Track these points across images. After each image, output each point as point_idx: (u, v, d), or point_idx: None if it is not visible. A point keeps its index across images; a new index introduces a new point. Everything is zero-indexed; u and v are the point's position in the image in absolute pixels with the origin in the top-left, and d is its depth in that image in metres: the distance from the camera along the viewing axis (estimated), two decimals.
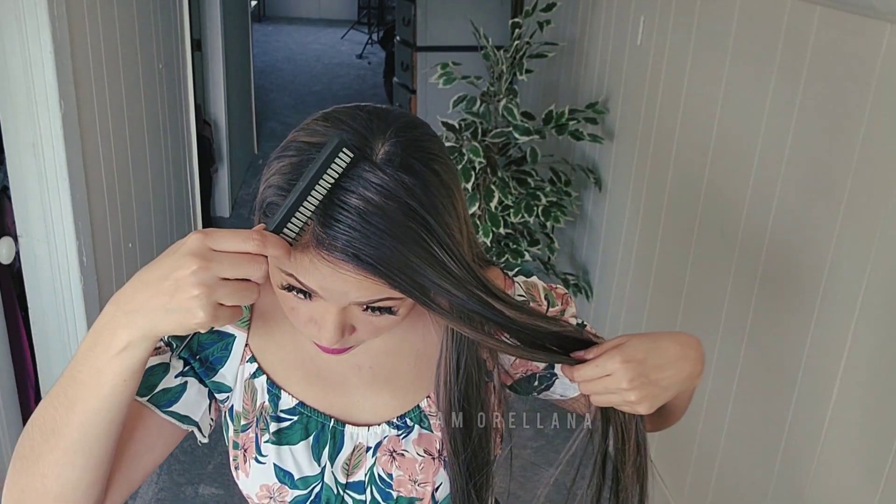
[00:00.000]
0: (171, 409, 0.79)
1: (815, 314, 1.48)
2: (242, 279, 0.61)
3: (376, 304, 0.68)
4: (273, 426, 0.82)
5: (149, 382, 0.78)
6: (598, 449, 0.81)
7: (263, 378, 0.82)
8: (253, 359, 0.83)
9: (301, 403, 0.82)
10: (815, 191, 1.49)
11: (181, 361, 0.81)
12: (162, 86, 2.69)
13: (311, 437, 0.83)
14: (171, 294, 0.59)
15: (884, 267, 1.29)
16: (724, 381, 1.82)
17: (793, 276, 1.57)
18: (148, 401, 0.78)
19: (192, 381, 0.81)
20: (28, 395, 2.04)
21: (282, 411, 0.82)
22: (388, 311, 0.69)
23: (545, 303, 0.88)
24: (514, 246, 2.68)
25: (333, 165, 0.62)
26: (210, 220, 3.91)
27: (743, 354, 1.75)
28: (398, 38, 4.49)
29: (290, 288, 0.68)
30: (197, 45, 3.80)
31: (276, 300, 0.84)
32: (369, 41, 9.17)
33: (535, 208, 2.58)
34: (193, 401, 0.81)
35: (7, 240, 1.83)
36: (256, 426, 0.83)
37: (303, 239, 0.64)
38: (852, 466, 1.38)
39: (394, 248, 0.62)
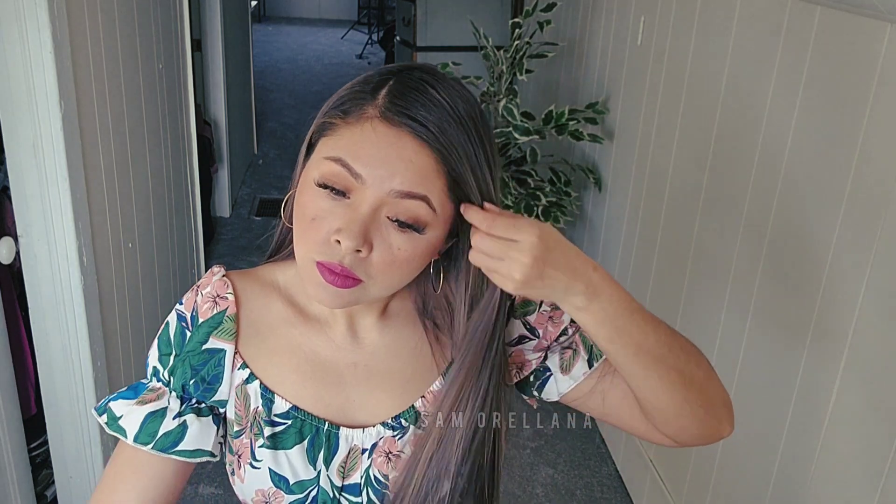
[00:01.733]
0: (176, 449, 0.80)
1: (815, 315, 1.48)
2: None
3: (411, 209, 0.70)
4: (267, 430, 0.82)
5: (150, 430, 0.79)
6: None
7: (256, 383, 0.82)
8: (245, 365, 0.82)
9: (295, 407, 0.82)
10: (816, 191, 1.49)
11: (178, 400, 0.81)
12: (162, 86, 2.69)
13: (305, 441, 0.82)
14: None
15: (884, 267, 1.29)
16: (724, 381, 1.82)
17: (793, 277, 1.57)
18: (153, 448, 0.79)
19: (191, 418, 0.81)
20: (28, 394, 2.04)
21: (275, 415, 0.82)
22: (415, 229, 0.71)
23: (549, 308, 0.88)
24: None
25: None
26: (210, 220, 3.91)
27: (742, 354, 1.75)
28: (398, 38, 4.50)
29: (325, 186, 0.71)
30: (197, 45, 3.80)
31: (270, 302, 0.84)
32: (369, 41, 9.17)
33: (535, 208, 2.58)
34: (199, 434, 0.82)
35: (7, 240, 1.83)
36: (250, 431, 0.83)
37: (366, 112, 0.70)
38: (852, 466, 1.38)
39: (453, 134, 0.69)
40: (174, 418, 0.80)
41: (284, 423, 0.82)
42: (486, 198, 0.73)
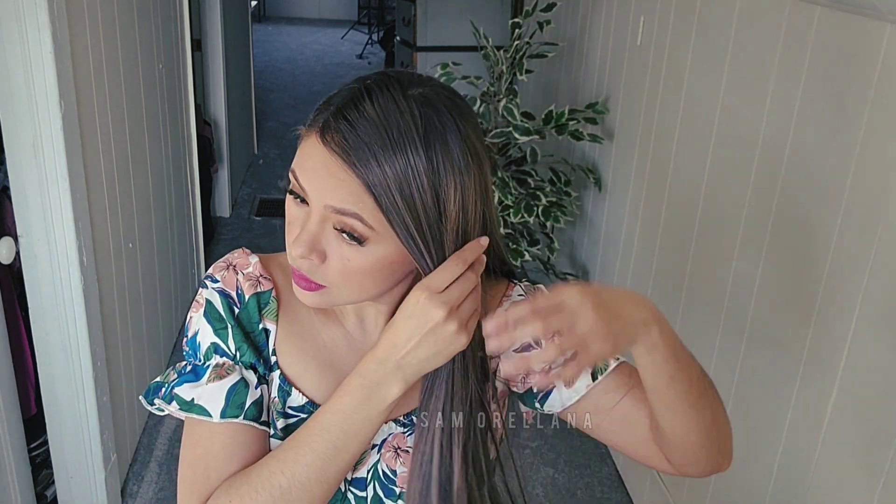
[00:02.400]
0: (263, 419, 0.81)
1: (815, 313, 1.48)
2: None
3: (346, 223, 0.71)
4: (280, 422, 0.82)
5: (237, 402, 0.79)
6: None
7: (277, 373, 0.83)
8: (273, 352, 0.83)
9: (311, 402, 0.83)
10: (815, 190, 1.49)
11: (250, 371, 0.81)
12: (162, 86, 2.69)
13: None
14: (432, 339, 0.73)
15: (884, 267, 1.29)
16: (724, 380, 1.82)
17: (794, 274, 1.57)
18: (243, 419, 0.79)
19: (264, 389, 0.82)
20: (28, 394, 2.04)
21: (290, 408, 0.83)
22: (357, 240, 0.72)
23: None
24: (514, 246, 2.68)
25: None
26: (210, 220, 3.91)
27: (742, 353, 1.75)
28: (398, 38, 4.50)
29: (292, 192, 0.74)
30: (197, 45, 3.80)
31: (290, 292, 0.84)
32: (369, 41, 9.18)
33: (535, 208, 2.58)
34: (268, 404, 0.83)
35: (7, 240, 1.83)
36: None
37: (316, 125, 0.72)
38: (852, 466, 1.38)
39: (382, 164, 0.68)
40: (256, 388, 0.81)
41: (298, 416, 0.83)
42: (421, 216, 0.71)
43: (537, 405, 0.87)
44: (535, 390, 0.87)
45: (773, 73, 1.62)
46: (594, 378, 0.84)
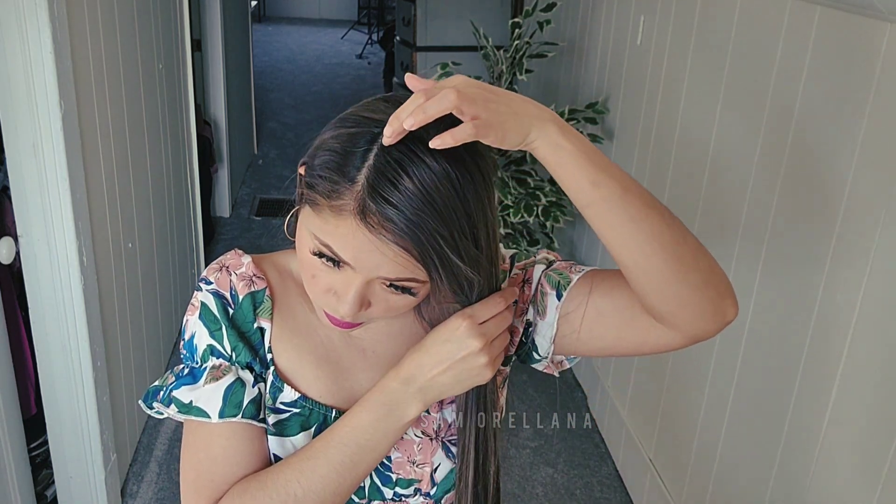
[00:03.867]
0: (261, 416, 0.82)
1: (815, 314, 1.48)
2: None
3: (401, 285, 0.73)
4: (272, 418, 0.83)
5: (234, 401, 0.80)
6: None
7: (272, 369, 0.83)
8: (269, 349, 0.84)
9: (303, 397, 0.83)
10: (816, 191, 1.49)
11: (247, 370, 0.82)
12: (162, 86, 2.69)
13: (312, 429, 0.84)
14: (461, 367, 0.76)
15: (884, 267, 1.29)
16: (724, 381, 1.82)
17: (793, 275, 1.57)
18: (242, 417, 0.80)
19: (262, 386, 0.83)
20: (28, 394, 2.04)
21: (281, 403, 0.83)
22: (409, 291, 0.74)
23: (508, 262, 0.89)
24: (514, 246, 2.68)
25: None
26: (210, 220, 3.91)
27: (742, 353, 1.75)
28: (398, 38, 4.50)
29: (320, 255, 0.73)
30: (197, 45, 3.80)
31: (287, 286, 0.86)
32: (369, 41, 9.18)
33: (535, 208, 2.58)
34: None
35: (7, 240, 1.83)
36: None
37: (345, 204, 0.69)
38: (852, 466, 1.38)
39: (434, 234, 0.69)
40: (253, 386, 0.82)
41: (289, 412, 0.83)
42: (467, 263, 0.72)
43: (536, 356, 0.88)
44: (524, 340, 0.88)
45: (772, 72, 1.63)
46: (559, 298, 0.84)
